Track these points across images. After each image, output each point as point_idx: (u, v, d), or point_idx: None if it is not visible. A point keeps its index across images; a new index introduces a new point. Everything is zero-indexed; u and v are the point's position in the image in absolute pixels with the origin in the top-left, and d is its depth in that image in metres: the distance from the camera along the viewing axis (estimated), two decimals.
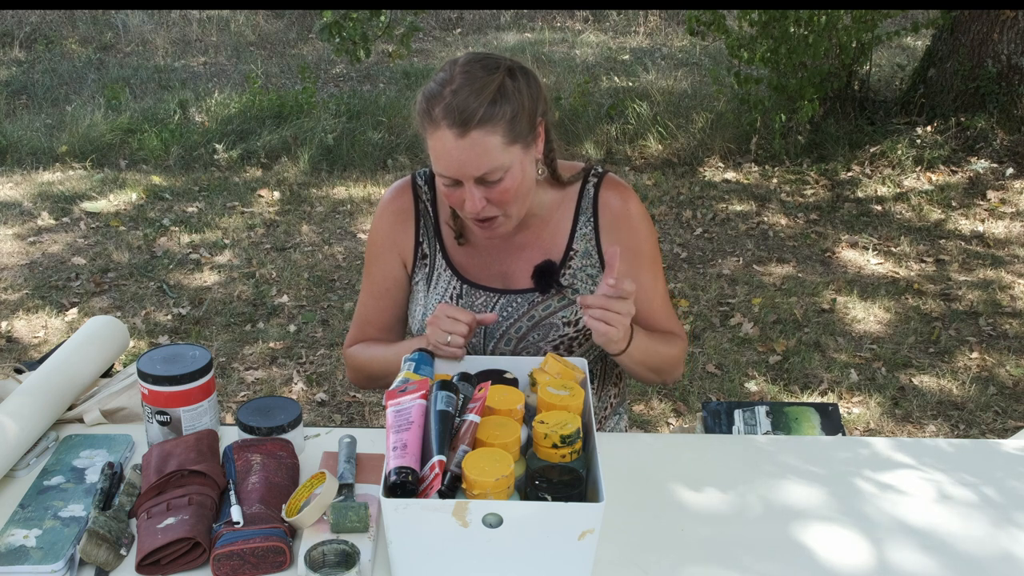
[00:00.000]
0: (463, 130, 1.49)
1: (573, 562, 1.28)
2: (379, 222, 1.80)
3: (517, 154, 1.54)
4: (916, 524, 1.49)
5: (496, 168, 1.52)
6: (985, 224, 5.13)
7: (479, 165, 1.51)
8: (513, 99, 1.52)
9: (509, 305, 1.72)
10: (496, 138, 1.50)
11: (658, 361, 1.73)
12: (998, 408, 3.51)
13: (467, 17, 9.56)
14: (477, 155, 1.50)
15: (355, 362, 1.83)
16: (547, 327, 1.71)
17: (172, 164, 5.92)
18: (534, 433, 1.35)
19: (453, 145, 1.50)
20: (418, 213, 1.77)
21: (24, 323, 4.06)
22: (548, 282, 1.71)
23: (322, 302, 4.29)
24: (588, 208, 1.73)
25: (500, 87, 1.51)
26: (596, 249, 1.73)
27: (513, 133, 1.52)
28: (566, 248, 1.73)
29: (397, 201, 1.79)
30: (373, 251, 1.81)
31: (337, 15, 5.42)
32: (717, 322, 4.12)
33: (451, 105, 1.49)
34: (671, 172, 5.85)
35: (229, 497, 1.43)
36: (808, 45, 5.51)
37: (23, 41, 8.51)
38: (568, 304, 1.72)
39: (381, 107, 6.57)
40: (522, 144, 1.55)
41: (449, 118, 1.49)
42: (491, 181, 1.53)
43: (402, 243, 1.78)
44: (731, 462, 1.64)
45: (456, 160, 1.51)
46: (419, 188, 1.78)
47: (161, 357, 1.59)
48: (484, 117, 1.49)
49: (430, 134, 1.53)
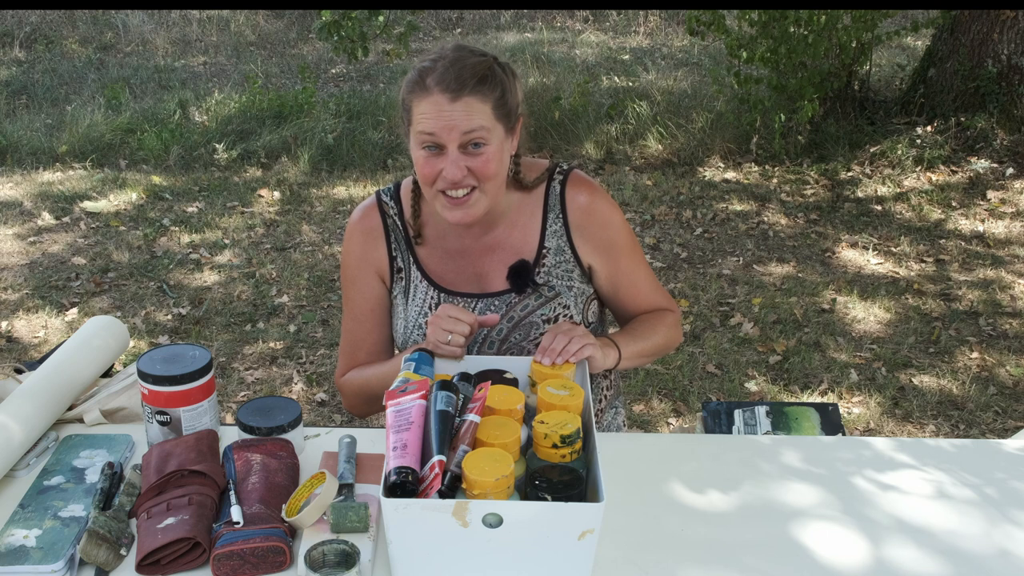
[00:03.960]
0: (456, 95, 1.53)
1: (573, 562, 1.28)
2: (349, 245, 1.79)
3: (500, 133, 1.58)
4: (916, 524, 1.49)
5: (481, 129, 1.54)
6: (985, 224, 5.13)
7: (468, 124, 1.54)
8: (502, 83, 1.58)
9: (487, 309, 1.73)
10: (486, 106, 1.55)
11: (653, 350, 1.77)
12: (998, 408, 3.51)
13: (467, 17, 9.56)
14: (467, 115, 1.53)
15: (351, 388, 1.81)
16: (527, 326, 1.72)
17: (172, 164, 5.92)
18: (534, 433, 1.35)
19: (446, 106, 1.53)
20: (387, 229, 1.76)
21: (24, 323, 4.06)
22: (524, 281, 1.72)
23: (322, 302, 4.29)
24: (556, 205, 1.74)
25: (491, 68, 1.57)
26: (568, 245, 1.74)
27: (500, 111, 1.57)
28: (538, 246, 1.74)
29: (365, 221, 1.78)
30: (348, 274, 1.80)
31: (336, 15, 5.42)
32: (717, 322, 4.12)
33: (446, 74, 1.54)
34: (671, 172, 5.85)
35: (229, 497, 1.43)
36: (808, 45, 5.51)
37: (23, 41, 8.51)
38: (546, 302, 1.72)
39: (381, 107, 6.57)
40: (504, 126, 1.59)
41: (443, 84, 1.53)
42: (475, 145, 1.55)
43: (376, 260, 1.77)
44: (731, 462, 1.64)
45: (446, 119, 1.53)
46: (385, 204, 1.77)
47: (161, 357, 1.59)
48: (476, 87, 1.54)
49: (419, 101, 1.55)
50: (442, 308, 1.60)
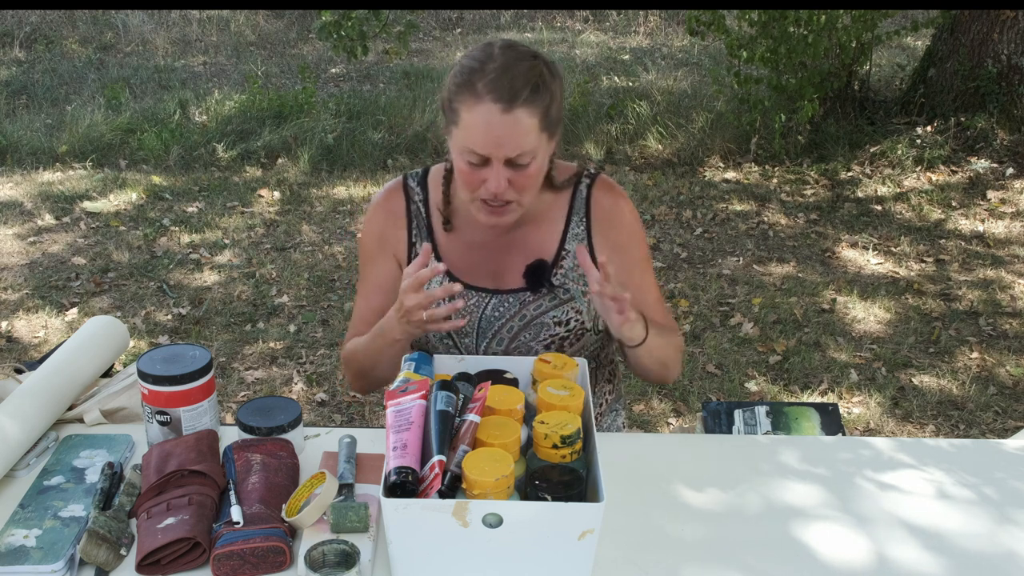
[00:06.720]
0: (509, 106, 1.49)
1: (573, 562, 1.28)
2: (370, 224, 1.80)
3: (544, 143, 1.56)
4: (916, 524, 1.49)
5: (528, 151, 1.53)
6: (985, 224, 5.13)
7: (516, 145, 1.51)
8: (551, 90, 1.54)
9: (501, 305, 1.72)
10: (535, 120, 1.52)
11: (666, 354, 1.74)
12: (998, 408, 3.51)
13: (467, 17, 9.56)
14: (517, 134, 1.50)
15: (347, 358, 1.82)
16: (538, 327, 1.71)
17: (172, 164, 5.91)
18: (534, 433, 1.35)
19: (497, 120, 1.49)
20: (410, 214, 1.76)
21: (24, 323, 4.06)
22: (540, 281, 1.71)
23: (322, 302, 4.29)
24: (581, 208, 1.74)
25: (541, 75, 1.53)
26: (589, 249, 1.73)
27: (546, 121, 1.54)
28: (558, 248, 1.73)
29: (389, 202, 1.78)
30: (365, 252, 1.81)
31: (336, 15, 5.42)
32: (717, 322, 4.12)
33: (498, 81, 1.49)
34: (671, 172, 5.85)
35: (229, 497, 1.43)
36: (808, 45, 5.51)
37: (23, 41, 8.51)
38: (559, 304, 1.72)
39: (381, 107, 6.57)
40: (548, 135, 1.57)
41: (495, 92, 1.49)
42: (520, 164, 1.54)
43: (395, 243, 1.77)
44: (731, 462, 1.64)
45: (495, 136, 1.50)
46: (411, 189, 1.78)
47: (161, 357, 1.59)
48: (528, 98, 1.50)
49: (469, 107, 1.51)
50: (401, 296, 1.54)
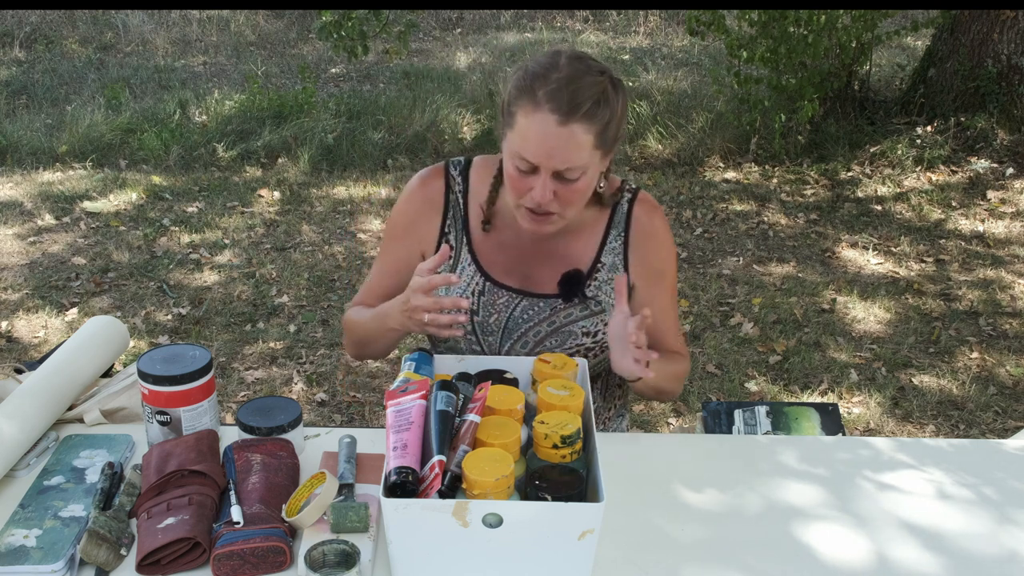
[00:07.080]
0: (566, 118, 1.48)
1: (573, 562, 1.28)
2: (405, 205, 1.77)
3: (596, 160, 1.55)
4: (916, 524, 1.49)
5: (579, 167, 1.52)
6: (985, 224, 5.13)
7: (567, 158, 1.50)
8: (612, 107, 1.53)
9: (531, 308, 1.72)
10: (590, 137, 1.50)
11: (665, 382, 1.75)
12: (998, 408, 3.51)
13: (467, 17, 9.56)
14: (570, 148, 1.50)
15: (348, 323, 1.81)
16: (565, 335, 1.71)
17: (172, 164, 5.91)
18: (534, 433, 1.35)
19: (552, 131, 1.48)
20: (447, 204, 1.74)
21: (24, 323, 4.06)
22: (573, 291, 1.71)
23: (322, 302, 4.29)
24: (620, 222, 1.74)
25: (604, 91, 1.52)
26: (623, 263, 1.74)
27: (602, 138, 1.53)
28: (594, 260, 1.73)
29: (427, 188, 1.75)
30: (393, 231, 1.79)
31: (336, 15, 5.42)
32: (717, 322, 4.12)
33: (560, 91, 1.48)
34: (671, 172, 5.85)
35: (229, 497, 1.43)
36: (808, 45, 5.51)
37: (23, 41, 8.50)
38: (590, 315, 1.71)
39: (381, 107, 6.56)
40: (602, 152, 1.56)
41: (555, 102, 1.48)
42: (568, 178, 1.53)
43: (424, 233, 1.75)
44: (731, 462, 1.64)
45: (548, 147, 1.49)
46: (452, 178, 1.75)
47: (161, 357, 1.59)
48: (588, 113, 1.49)
49: (526, 113, 1.50)
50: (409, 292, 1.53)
